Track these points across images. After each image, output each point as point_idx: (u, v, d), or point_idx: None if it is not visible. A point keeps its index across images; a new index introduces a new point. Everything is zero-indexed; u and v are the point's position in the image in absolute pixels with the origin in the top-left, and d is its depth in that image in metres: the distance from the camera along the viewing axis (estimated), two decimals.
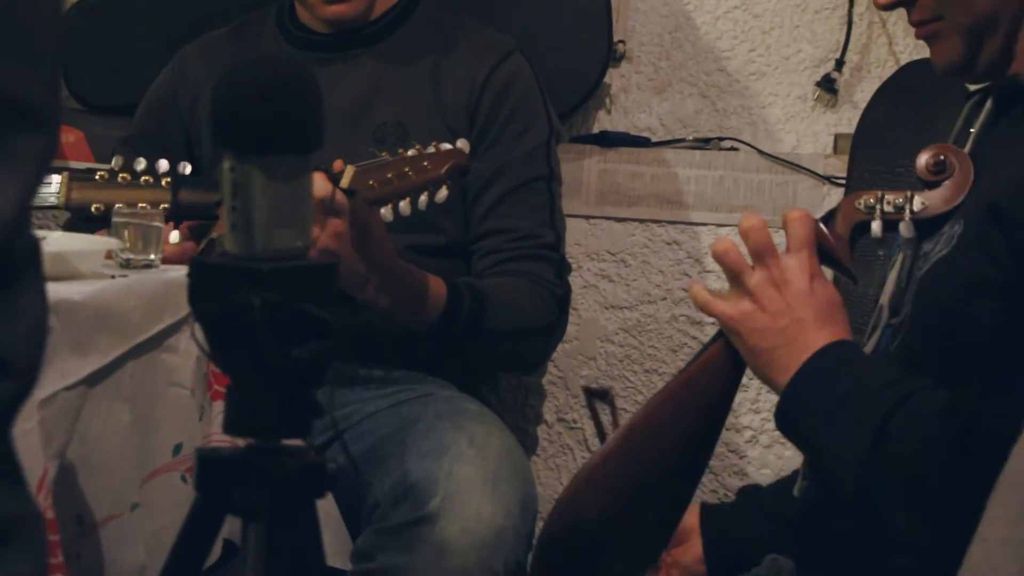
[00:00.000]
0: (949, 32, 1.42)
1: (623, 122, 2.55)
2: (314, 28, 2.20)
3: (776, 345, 1.34)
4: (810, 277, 1.35)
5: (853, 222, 1.39)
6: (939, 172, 1.38)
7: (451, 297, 1.97)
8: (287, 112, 1.04)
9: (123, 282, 1.46)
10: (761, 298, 1.34)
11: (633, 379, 2.54)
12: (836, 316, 1.35)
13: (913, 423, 1.25)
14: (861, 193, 1.41)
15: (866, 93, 2.43)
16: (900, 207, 1.39)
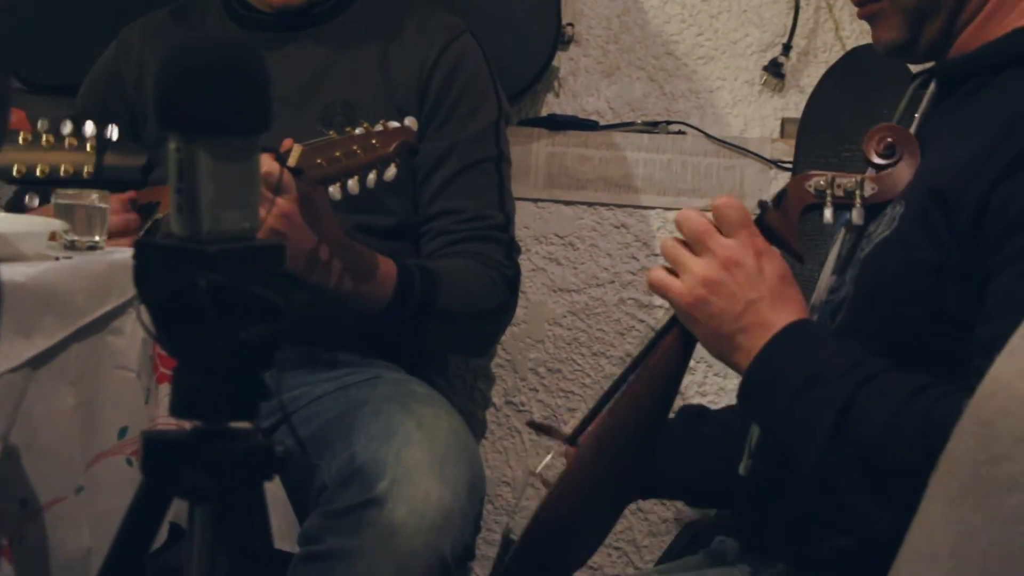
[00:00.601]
0: (890, 12, 1.43)
1: (571, 105, 2.55)
2: (260, 8, 2.18)
3: (736, 329, 1.34)
4: (756, 255, 1.35)
5: (803, 204, 1.39)
6: (888, 155, 1.39)
7: (401, 278, 1.96)
8: (233, 92, 1.03)
9: (68, 264, 1.44)
10: (711, 283, 1.34)
11: (581, 362, 2.55)
12: (790, 292, 1.36)
13: (876, 405, 1.26)
14: (811, 174, 1.40)
15: (813, 78, 2.45)
16: (851, 192, 1.39)
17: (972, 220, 1.28)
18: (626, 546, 2.55)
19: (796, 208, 1.39)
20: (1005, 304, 1.25)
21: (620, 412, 1.42)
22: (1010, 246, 1.26)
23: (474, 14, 2.32)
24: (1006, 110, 1.32)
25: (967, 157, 1.31)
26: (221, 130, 1.03)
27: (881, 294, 1.35)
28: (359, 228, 2.04)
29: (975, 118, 1.36)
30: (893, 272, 1.34)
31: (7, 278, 1.29)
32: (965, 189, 1.29)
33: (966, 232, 1.28)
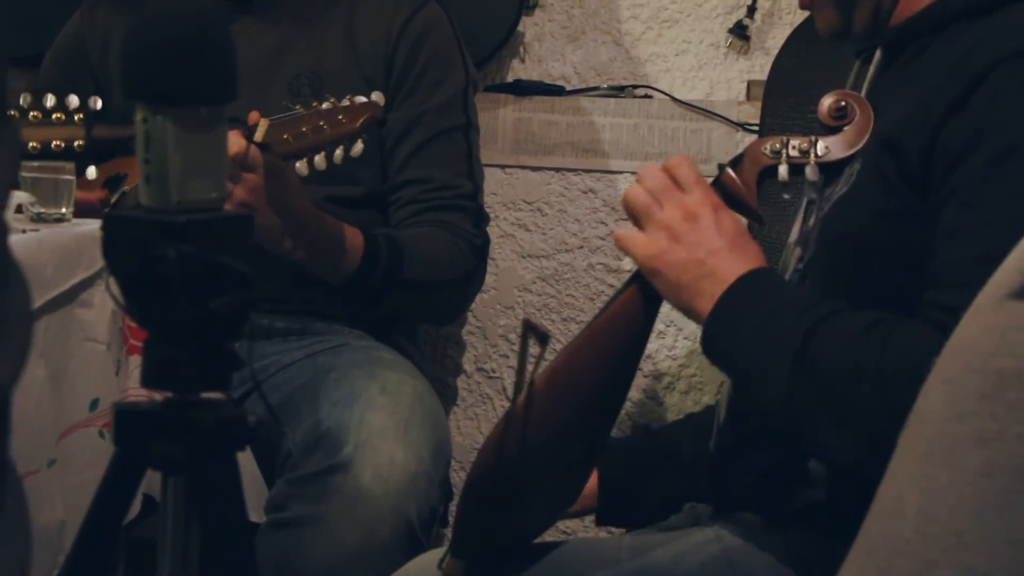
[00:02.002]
0: (822, 2, 1.47)
1: (537, 70, 2.55)
2: None
3: (697, 276, 1.36)
4: (713, 209, 1.38)
5: (760, 166, 1.43)
6: (840, 117, 1.42)
7: (368, 248, 1.97)
8: (198, 62, 1.03)
9: (34, 236, 1.44)
10: (675, 233, 1.37)
11: (551, 328, 2.55)
12: (747, 244, 1.39)
13: (833, 340, 1.28)
14: (767, 139, 1.44)
15: (778, 40, 2.45)
16: (805, 151, 1.43)
17: (921, 163, 1.31)
18: None
19: (752, 170, 1.43)
20: (948, 236, 1.28)
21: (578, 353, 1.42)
22: (953, 179, 1.29)
23: None
24: (949, 58, 1.35)
25: (914, 106, 1.34)
26: (187, 100, 1.03)
27: (843, 248, 1.39)
28: (328, 199, 2.04)
29: (921, 73, 1.39)
30: (853, 225, 1.37)
31: None
32: (913, 135, 1.32)
33: (917, 177, 1.31)
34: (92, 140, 1.77)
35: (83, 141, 1.77)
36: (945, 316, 1.21)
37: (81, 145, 1.76)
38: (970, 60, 1.31)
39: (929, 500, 0.79)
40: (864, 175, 1.37)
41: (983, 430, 0.79)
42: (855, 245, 1.37)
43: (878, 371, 1.24)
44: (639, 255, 1.39)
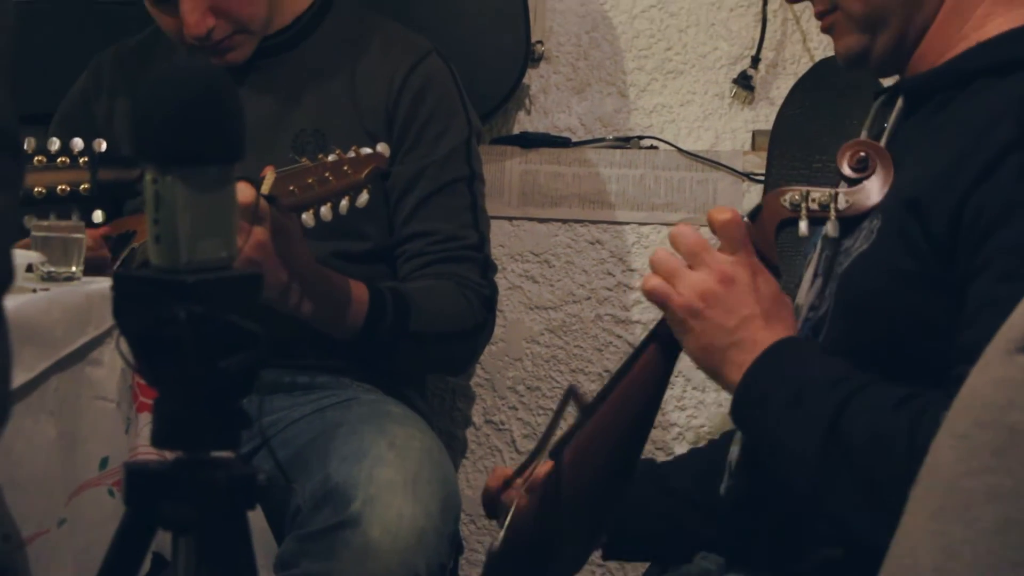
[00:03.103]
0: (845, 23, 1.45)
1: (543, 122, 2.56)
2: None
3: (729, 343, 1.35)
4: (752, 274, 1.36)
5: (779, 219, 1.41)
6: (862, 169, 1.40)
7: (374, 302, 1.97)
8: (208, 123, 1.03)
9: (45, 296, 1.44)
10: (708, 296, 1.35)
11: (559, 379, 2.55)
12: (783, 312, 1.38)
13: (864, 417, 1.27)
14: (785, 189, 1.42)
15: (782, 90, 2.46)
16: (825, 205, 1.40)
17: (948, 228, 1.29)
18: (612, 566, 2.55)
19: (772, 222, 1.41)
20: (983, 308, 1.26)
21: (601, 425, 1.42)
22: (985, 250, 1.27)
23: (444, 34, 2.32)
24: (976, 118, 1.33)
25: (940, 167, 1.32)
26: (197, 160, 1.03)
27: (862, 307, 1.37)
28: (335, 254, 2.04)
29: (946, 129, 1.37)
30: (873, 284, 1.35)
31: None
32: (939, 198, 1.30)
33: (942, 240, 1.30)
34: (98, 183, 1.77)
35: (89, 185, 1.76)
36: None
37: (87, 189, 1.76)
38: (999, 126, 1.29)
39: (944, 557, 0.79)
40: (886, 234, 1.35)
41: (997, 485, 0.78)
42: (874, 305, 1.35)
43: (909, 451, 1.22)
44: (672, 311, 1.37)
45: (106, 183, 1.76)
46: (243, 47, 2.10)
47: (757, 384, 1.34)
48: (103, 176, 1.76)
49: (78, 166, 1.76)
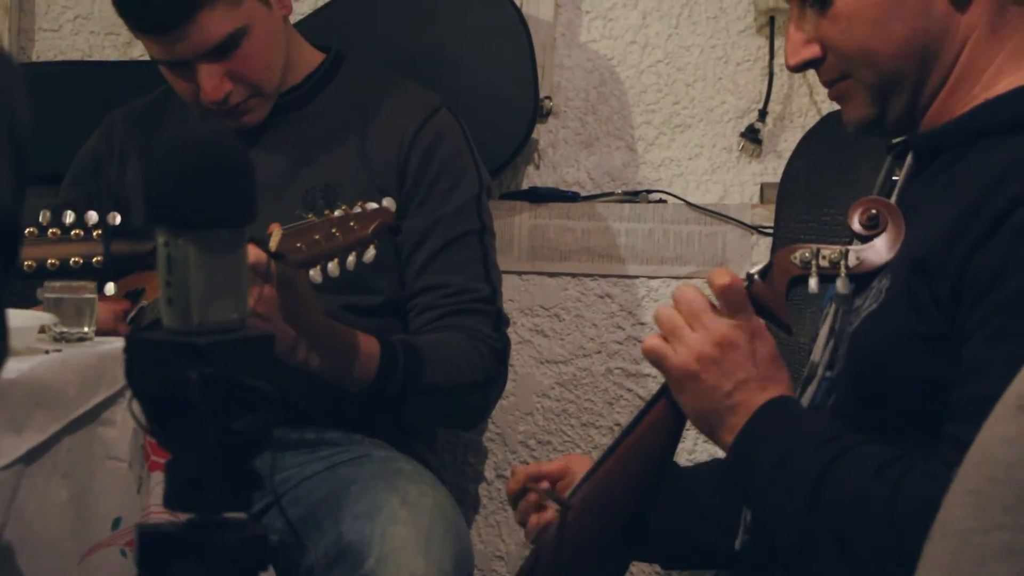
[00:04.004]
0: (856, 90, 1.45)
1: (552, 177, 2.57)
2: None
3: (723, 407, 1.36)
4: (751, 337, 1.37)
5: (790, 276, 1.41)
6: (872, 227, 1.40)
7: (385, 355, 1.97)
8: (219, 187, 1.04)
9: (58, 357, 1.45)
10: (705, 359, 1.36)
11: (571, 433, 2.55)
12: (778, 374, 1.38)
13: (846, 480, 1.27)
14: (796, 247, 1.42)
15: (790, 143, 2.47)
16: (836, 262, 1.40)
17: (952, 288, 1.29)
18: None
19: (783, 280, 1.41)
20: (975, 368, 1.26)
21: (609, 476, 1.42)
22: (981, 309, 1.27)
23: (453, 89, 2.34)
24: (982, 178, 1.33)
25: (946, 226, 1.32)
26: (209, 224, 1.04)
27: (871, 368, 1.37)
28: (346, 308, 2.05)
29: (953, 188, 1.37)
30: (882, 345, 1.35)
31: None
32: (945, 258, 1.30)
33: (948, 301, 1.30)
34: (111, 256, 1.78)
35: (102, 257, 1.78)
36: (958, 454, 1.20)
37: (100, 261, 1.78)
38: (1004, 185, 1.30)
39: None
40: (894, 295, 1.35)
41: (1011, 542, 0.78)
42: (883, 365, 1.35)
43: (889, 515, 1.23)
44: (669, 372, 1.38)
45: (119, 256, 1.78)
46: (258, 110, 2.12)
47: (746, 448, 1.34)
48: (116, 249, 1.77)
49: (92, 239, 1.78)
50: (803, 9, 1.45)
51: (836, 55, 1.44)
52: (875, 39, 1.41)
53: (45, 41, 2.63)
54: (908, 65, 1.41)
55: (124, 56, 2.61)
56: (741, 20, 2.53)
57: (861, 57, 1.42)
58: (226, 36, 2.02)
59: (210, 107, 2.07)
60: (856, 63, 1.43)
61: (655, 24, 2.56)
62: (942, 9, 1.40)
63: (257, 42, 2.06)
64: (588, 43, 2.56)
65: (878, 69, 1.42)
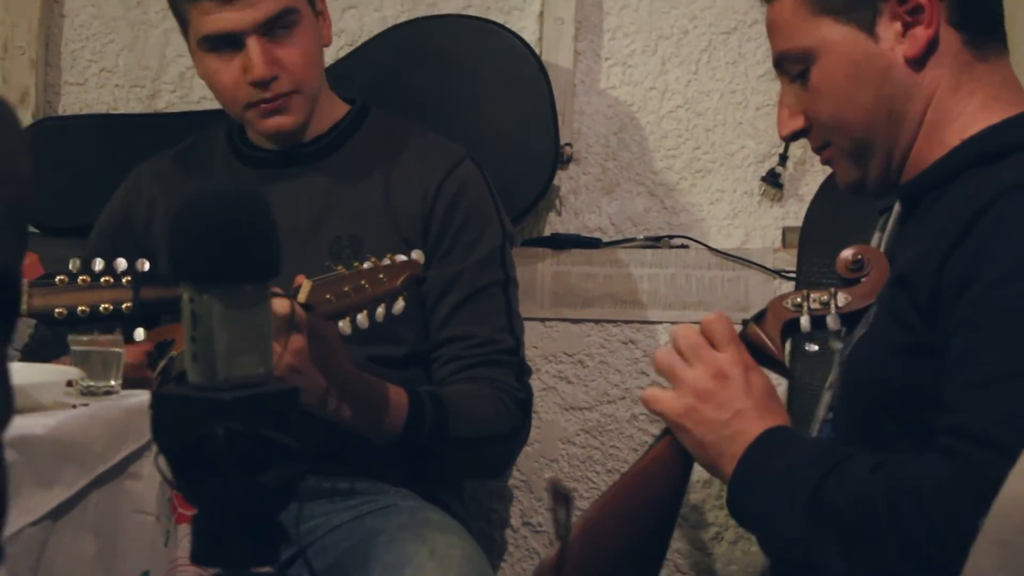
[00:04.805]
0: (839, 155, 1.53)
1: (574, 223, 2.58)
2: (264, 146, 2.22)
3: (722, 437, 1.41)
4: (744, 369, 1.43)
5: (783, 320, 1.49)
6: (857, 270, 1.49)
7: (413, 407, 1.98)
8: (243, 243, 1.05)
9: (85, 412, 1.46)
10: (702, 392, 1.42)
11: (596, 479, 2.55)
12: (773, 404, 1.44)
13: (844, 483, 1.31)
14: (788, 294, 1.52)
15: (811, 186, 2.48)
16: (825, 303, 1.49)
17: (930, 296, 1.35)
18: None
19: (776, 323, 1.49)
20: (957, 362, 1.31)
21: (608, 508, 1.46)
22: (958, 310, 1.32)
23: (474, 138, 2.35)
24: (956, 201, 1.40)
25: (924, 244, 1.38)
26: (233, 280, 1.05)
27: (865, 388, 1.43)
28: (372, 359, 2.05)
29: (933, 218, 1.43)
30: (873, 364, 1.41)
31: (26, 431, 1.31)
32: (922, 270, 1.36)
33: (927, 309, 1.35)
34: (140, 302, 1.80)
35: (131, 303, 1.80)
36: (952, 440, 1.25)
37: (129, 307, 1.79)
38: (975, 197, 1.36)
39: None
40: (880, 316, 1.41)
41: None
42: (876, 384, 1.40)
43: (887, 503, 1.27)
44: (668, 413, 1.44)
45: (148, 301, 1.79)
46: (295, 113, 2.13)
47: (748, 469, 1.38)
48: (145, 295, 1.79)
49: (121, 285, 1.79)
50: (791, 83, 1.55)
51: (816, 124, 1.53)
52: (843, 108, 1.49)
53: (71, 95, 2.65)
54: (877, 129, 1.49)
55: (149, 108, 2.64)
56: (760, 65, 2.53)
57: (834, 125, 1.51)
58: (284, 9, 2.07)
59: (252, 96, 2.09)
60: (831, 131, 1.51)
61: (674, 70, 2.57)
62: (901, 72, 1.47)
63: (305, 35, 2.11)
64: (608, 89, 2.58)
65: (850, 135, 1.50)
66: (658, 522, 1.48)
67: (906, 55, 1.47)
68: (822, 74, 1.50)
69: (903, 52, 1.47)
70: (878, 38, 1.47)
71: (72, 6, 2.64)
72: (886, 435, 1.38)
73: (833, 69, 1.49)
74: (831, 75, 1.49)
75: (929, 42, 1.46)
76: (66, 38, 2.64)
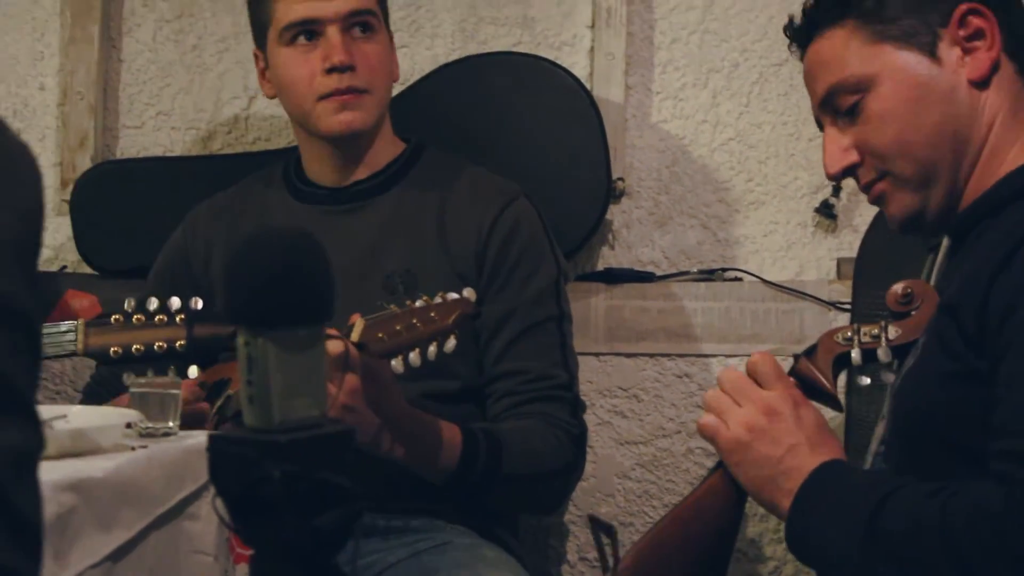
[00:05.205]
0: (896, 187, 1.51)
1: (627, 257, 2.58)
2: (321, 183, 2.24)
3: (776, 472, 1.42)
4: (794, 405, 1.44)
5: (834, 354, 1.51)
6: (907, 303, 1.51)
7: (467, 443, 1.98)
8: (297, 287, 1.06)
9: (144, 453, 1.47)
10: (755, 430, 1.43)
11: (653, 514, 2.54)
12: (826, 438, 1.44)
13: (899, 511, 1.32)
14: (838, 328, 1.53)
15: (866, 217, 2.47)
16: (876, 336, 1.51)
17: (977, 323, 1.34)
18: None
19: (827, 357, 1.51)
20: (1007, 385, 1.31)
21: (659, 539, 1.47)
22: (1004, 334, 1.32)
23: (526, 174, 2.36)
24: (1002, 230, 1.40)
25: (970, 274, 1.38)
26: (287, 323, 1.06)
27: (916, 417, 1.43)
28: (425, 395, 2.06)
29: (979, 248, 1.43)
30: (922, 393, 1.41)
31: (86, 474, 1.32)
32: (969, 298, 1.36)
33: (974, 336, 1.35)
34: (194, 340, 1.83)
35: (185, 341, 1.82)
36: (1003, 465, 1.25)
37: (183, 345, 1.82)
38: (1019, 226, 1.37)
39: None
40: (928, 346, 1.41)
41: None
42: (927, 412, 1.40)
43: (941, 530, 1.27)
44: (722, 448, 1.44)
45: (202, 339, 1.82)
46: (365, 111, 2.17)
47: (804, 505, 1.39)
48: (199, 332, 1.81)
49: (175, 323, 1.82)
50: (835, 119, 1.53)
51: (873, 155, 1.51)
52: (907, 132, 1.48)
53: (128, 138, 2.69)
54: (942, 151, 1.48)
55: (205, 151, 2.67)
56: None
57: (897, 151, 1.49)
58: (366, 8, 2.16)
59: (327, 86, 2.14)
60: (893, 158, 1.49)
61: (726, 103, 2.57)
62: (966, 93, 1.47)
63: (380, 45, 2.19)
64: (659, 123, 2.58)
65: (915, 159, 1.48)
66: (713, 554, 1.48)
67: (970, 77, 1.47)
68: (882, 101, 1.49)
69: (967, 74, 1.47)
70: (941, 61, 1.48)
71: (129, 51, 2.68)
72: (939, 463, 1.38)
73: (896, 93, 1.48)
74: (893, 100, 1.48)
75: (992, 64, 1.47)
76: (124, 82, 2.68)
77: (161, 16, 2.67)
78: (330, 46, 2.13)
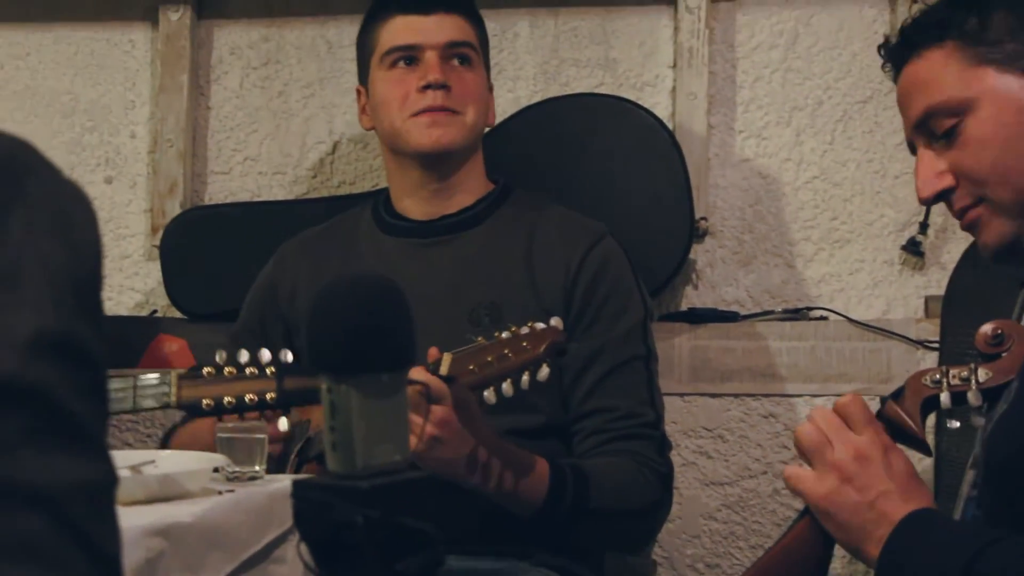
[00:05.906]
0: (993, 214, 1.47)
1: (711, 296, 2.57)
2: (410, 216, 2.27)
3: (866, 520, 1.39)
4: (884, 451, 1.41)
5: (922, 396, 1.47)
6: (997, 344, 1.46)
7: (554, 478, 1.98)
8: (379, 333, 1.07)
9: (231, 498, 1.49)
10: (845, 474, 1.40)
11: (739, 556, 2.52)
12: (916, 485, 1.41)
13: (998, 564, 1.28)
14: (927, 370, 1.49)
15: (954, 254, 2.44)
16: (966, 379, 1.47)
17: None
18: None
19: (915, 400, 1.47)
20: None
21: None
22: None
23: (610, 214, 2.37)
24: None
25: None
26: (370, 370, 1.07)
27: (1008, 464, 1.39)
28: (509, 431, 2.06)
29: None
30: (1015, 440, 1.37)
31: (174, 520, 1.34)
32: None
33: None
34: (284, 392, 1.86)
35: (275, 394, 1.85)
36: None
37: (273, 397, 1.85)
38: None
39: None
40: (1022, 390, 1.38)
41: None
42: (1020, 460, 1.36)
43: None
44: (810, 495, 1.43)
45: (292, 392, 1.85)
46: (456, 129, 2.22)
47: (895, 555, 1.36)
48: (288, 385, 1.85)
49: (265, 376, 1.85)
50: (930, 143, 1.50)
51: (970, 180, 1.47)
52: (1008, 157, 1.45)
53: (217, 183, 2.74)
54: None
55: (291, 195, 2.71)
56: (897, 133, 2.51)
57: (996, 177, 1.46)
58: (465, 41, 2.24)
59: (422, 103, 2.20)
60: (991, 184, 1.46)
61: (809, 141, 2.56)
62: None
63: (476, 79, 2.26)
64: (742, 162, 2.57)
65: (1013, 186, 1.45)
66: None
67: None
68: (982, 124, 1.46)
69: None
70: None
71: (217, 99, 2.73)
72: None
73: (997, 117, 1.45)
74: (994, 124, 1.45)
75: None
76: (212, 129, 2.73)
77: (248, 63, 2.72)
78: (427, 67, 2.20)
